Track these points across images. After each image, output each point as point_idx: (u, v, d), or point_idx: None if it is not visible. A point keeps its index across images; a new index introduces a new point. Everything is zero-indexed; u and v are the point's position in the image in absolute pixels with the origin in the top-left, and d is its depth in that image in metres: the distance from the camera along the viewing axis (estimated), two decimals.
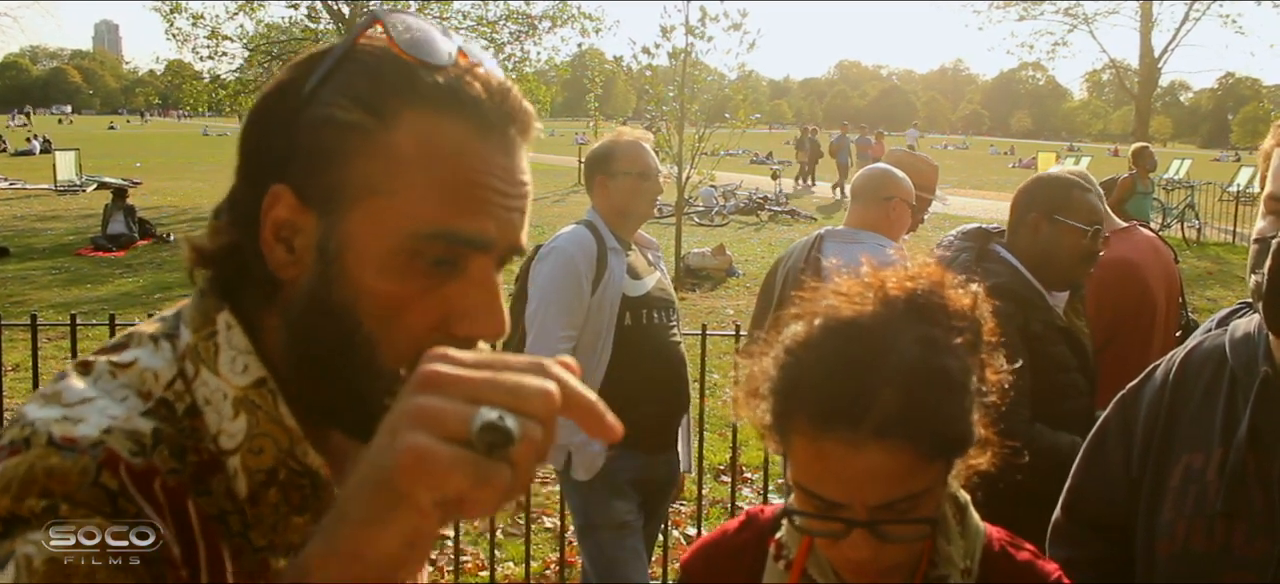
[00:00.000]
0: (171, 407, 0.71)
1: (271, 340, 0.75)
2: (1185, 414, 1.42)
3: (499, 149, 0.72)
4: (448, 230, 0.70)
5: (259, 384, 0.73)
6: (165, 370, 0.73)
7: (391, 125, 0.70)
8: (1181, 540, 1.35)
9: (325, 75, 0.71)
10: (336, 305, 0.71)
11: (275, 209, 0.71)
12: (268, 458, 0.72)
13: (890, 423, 0.91)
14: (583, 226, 2.84)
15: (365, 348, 0.71)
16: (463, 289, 0.71)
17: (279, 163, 0.72)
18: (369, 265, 0.70)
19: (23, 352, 6.48)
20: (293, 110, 0.71)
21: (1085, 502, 1.59)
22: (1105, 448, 1.55)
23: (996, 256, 2.34)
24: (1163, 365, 1.51)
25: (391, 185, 0.69)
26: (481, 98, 0.71)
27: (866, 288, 1.00)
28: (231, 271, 0.75)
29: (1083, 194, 2.34)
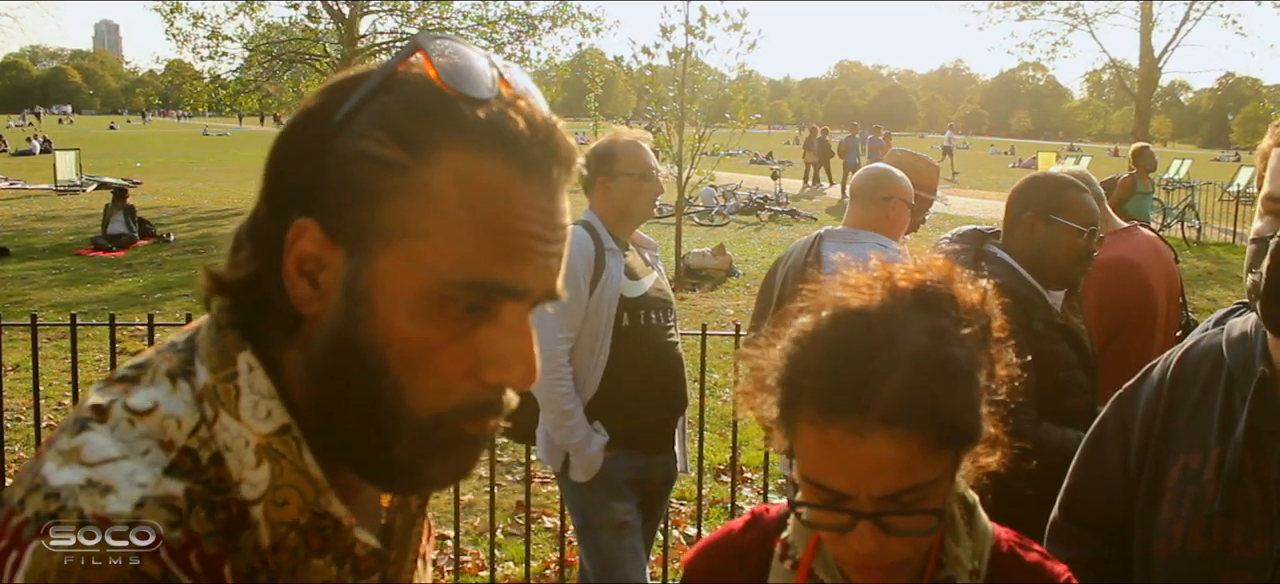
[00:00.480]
0: (196, 456, 0.68)
1: (294, 383, 0.71)
2: (1182, 414, 1.42)
3: (541, 192, 0.69)
4: (484, 279, 0.67)
5: (283, 432, 0.70)
6: (187, 416, 0.69)
7: (429, 163, 0.66)
8: (1179, 540, 1.35)
9: (359, 104, 0.68)
10: (363, 348, 0.67)
11: (300, 242, 0.68)
12: (292, 510, 0.69)
13: (897, 411, 0.91)
14: (580, 227, 2.84)
15: (392, 394, 0.68)
16: (494, 336, 0.69)
17: (306, 194, 0.68)
18: (399, 308, 0.67)
19: (23, 352, 6.48)
20: (323, 139, 0.68)
21: (1083, 501, 1.59)
22: (1103, 447, 1.55)
23: (993, 257, 2.34)
24: (1159, 365, 1.51)
25: (427, 227, 0.66)
26: (525, 135, 0.68)
27: (874, 280, 1.00)
28: (251, 304, 0.71)
29: (1078, 194, 2.34)
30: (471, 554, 4.12)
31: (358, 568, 0.75)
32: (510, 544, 4.24)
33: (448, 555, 3.96)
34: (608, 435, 2.78)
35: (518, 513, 4.44)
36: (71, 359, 3.59)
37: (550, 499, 4.54)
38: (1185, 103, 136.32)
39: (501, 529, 4.32)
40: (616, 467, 2.79)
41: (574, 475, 2.80)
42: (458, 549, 3.85)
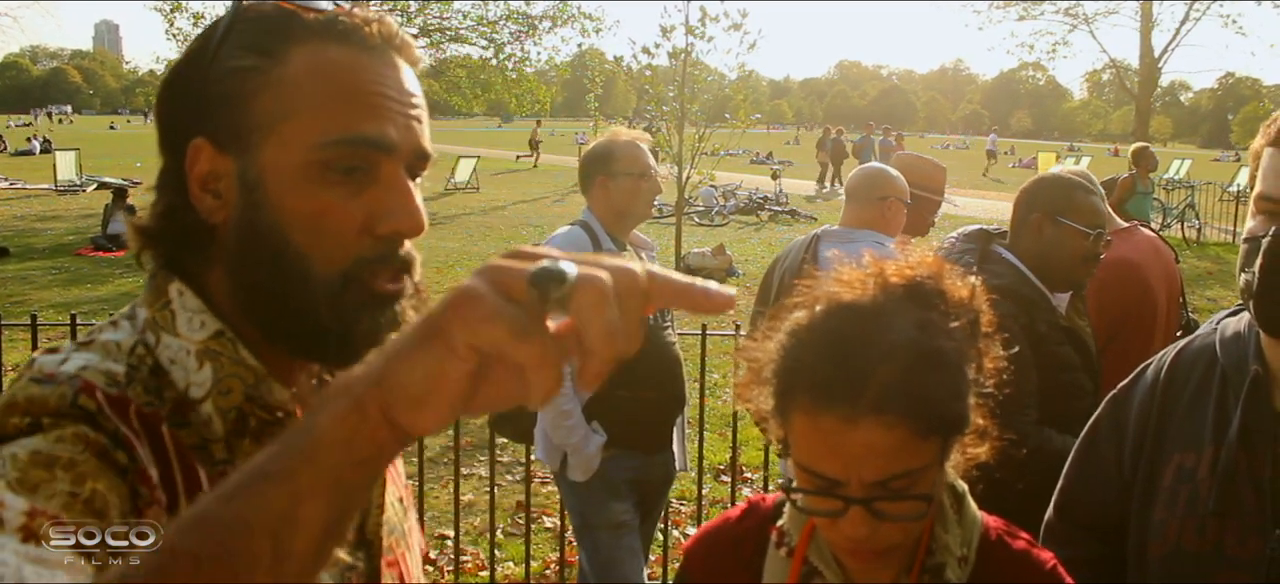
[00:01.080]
0: (136, 369, 0.77)
1: (220, 296, 0.81)
2: (1176, 413, 1.42)
3: (385, 64, 0.80)
4: (350, 135, 0.77)
5: (217, 335, 0.80)
6: (127, 340, 0.79)
7: (283, 60, 0.77)
8: (1174, 540, 1.35)
9: (220, 40, 0.79)
10: (264, 228, 0.77)
11: (198, 164, 0.79)
12: (236, 396, 0.79)
13: (886, 399, 0.94)
14: (577, 227, 2.84)
15: (297, 261, 0.77)
16: (377, 193, 0.78)
17: (193, 124, 0.79)
18: (287, 185, 0.77)
19: (23, 352, 6.48)
20: (196, 75, 0.79)
21: (1077, 502, 1.59)
22: (1097, 447, 1.55)
23: (998, 258, 2.33)
24: (1153, 365, 1.51)
25: (292, 108, 0.77)
26: (361, 26, 0.80)
27: (867, 275, 1.03)
28: (173, 242, 0.82)
29: (1086, 196, 2.33)
30: (471, 554, 4.12)
31: None
32: (510, 544, 4.24)
33: (448, 555, 3.96)
34: (605, 435, 2.78)
35: (518, 513, 4.44)
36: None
37: (550, 499, 4.55)
38: (1185, 103, 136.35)
39: (501, 529, 4.32)
40: (614, 466, 2.80)
41: (572, 475, 2.80)
42: (458, 549, 3.85)
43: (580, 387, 0.52)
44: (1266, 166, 1.33)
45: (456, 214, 17.44)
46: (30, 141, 34.64)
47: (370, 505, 0.89)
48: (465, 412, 0.53)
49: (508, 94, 19.82)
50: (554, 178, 26.23)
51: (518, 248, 0.54)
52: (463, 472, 4.17)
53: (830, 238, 2.90)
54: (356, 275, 0.78)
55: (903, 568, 1.07)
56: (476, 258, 12.23)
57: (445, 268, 11.48)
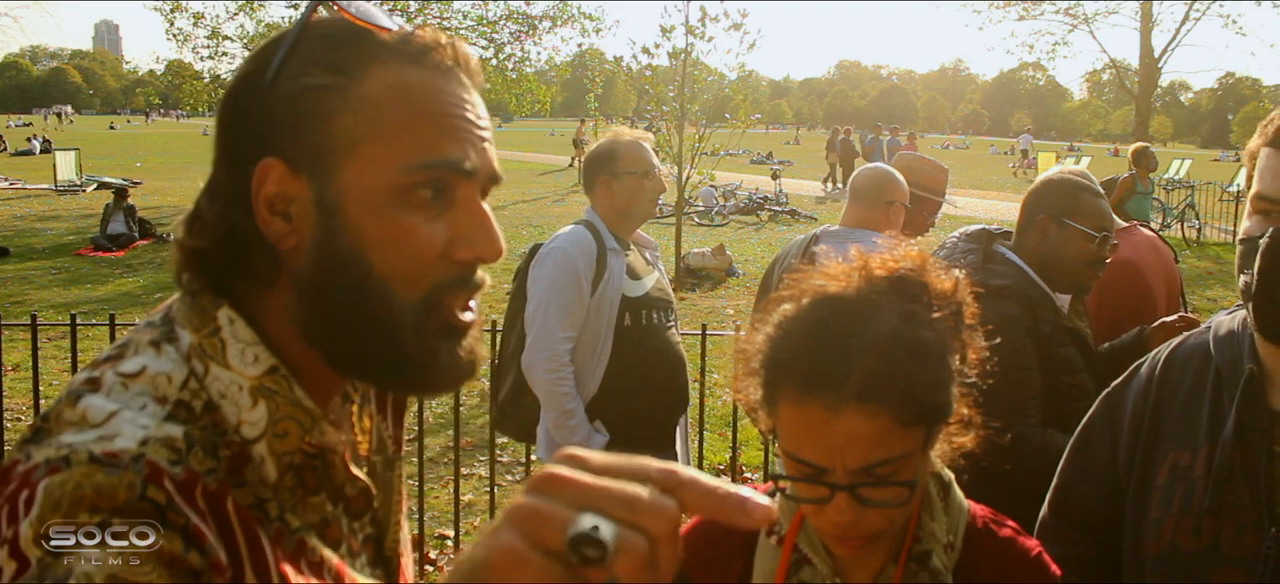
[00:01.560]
0: (189, 406, 0.73)
1: (276, 326, 0.78)
2: (1171, 412, 1.42)
3: (460, 86, 0.79)
4: (435, 159, 0.75)
5: (272, 372, 0.76)
6: (176, 372, 0.74)
7: (361, 79, 0.75)
8: (1169, 539, 1.35)
9: (286, 55, 0.75)
10: (346, 253, 0.75)
11: (266, 185, 0.75)
12: (293, 439, 0.76)
13: (869, 387, 0.97)
14: (582, 227, 2.84)
15: (380, 288, 0.75)
16: (457, 218, 0.77)
17: (259, 142, 0.75)
18: (369, 208, 0.74)
19: (23, 352, 6.48)
20: (263, 91, 0.75)
21: (1072, 500, 1.59)
22: (1091, 445, 1.55)
23: (1002, 258, 2.32)
24: (1147, 363, 1.51)
25: (374, 131, 0.74)
26: (433, 47, 0.78)
27: (852, 269, 1.06)
28: (223, 264, 0.77)
29: (1094, 199, 2.32)
30: None
31: (350, 508, 0.82)
32: None
33: (448, 555, 3.96)
34: (608, 435, 2.78)
35: None
36: (71, 359, 3.59)
37: None
38: (1185, 103, 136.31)
39: None
40: None
41: None
42: (458, 549, 3.85)
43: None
44: (1264, 166, 1.33)
45: None
46: (30, 141, 34.64)
47: (388, 523, 0.89)
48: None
49: (508, 94, 19.82)
50: (554, 178, 26.23)
51: (549, 473, 0.52)
52: (463, 472, 4.17)
53: (829, 237, 2.91)
54: (436, 301, 0.77)
55: (890, 556, 1.10)
56: None
57: None
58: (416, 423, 3.75)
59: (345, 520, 0.82)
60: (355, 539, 0.84)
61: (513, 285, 3.05)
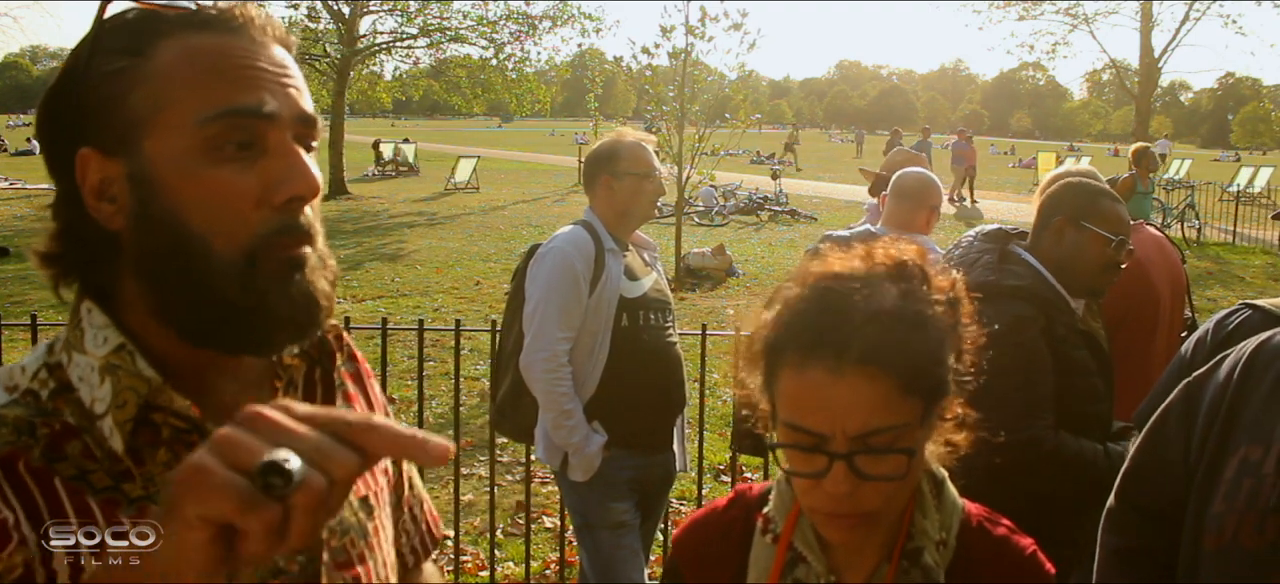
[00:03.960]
0: (36, 394, 0.80)
1: (131, 306, 0.81)
2: (1249, 407, 1.37)
3: (251, 42, 0.81)
4: (229, 106, 0.77)
5: (118, 349, 0.80)
6: (31, 363, 0.82)
7: (151, 55, 0.78)
8: (1231, 534, 1.30)
9: (88, 52, 0.79)
10: (160, 218, 0.78)
11: (88, 175, 0.79)
12: (130, 408, 0.79)
13: (871, 351, 1.00)
14: (580, 227, 2.84)
15: (200, 246, 0.77)
16: (268, 164, 0.79)
17: (75, 137, 0.79)
18: (176, 171, 0.77)
19: (22, 351, 6.47)
20: (72, 90, 0.79)
21: (1139, 485, 1.55)
22: (1165, 434, 1.51)
23: (1018, 259, 2.30)
24: (1232, 355, 1.46)
25: (169, 97, 0.77)
26: (222, 13, 0.81)
27: (855, 254, 1.10)
28: (77, 260, 0.82)
29: (1112, 203, 2.30)
30: (471, 554, 4.12)
31: None
32: (510, 544, 4.24)
33: (448, 555, 3.96)
34: (606, 435, 2.78)
35: (518, 513, 4.44)
36: None
37: (550, 499, 4.55)
38: (1185, 103, 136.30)
39: (501, 529, 4.32)
40: (615, 466, 2.80)
41: (573, 475, 2.80)
42: (458, 549, 3.85)
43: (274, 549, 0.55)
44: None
45: (456, 214, 17.43)
46: (30, 142, 34.63)
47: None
48: (230, 571, 0.57)
49: (508, 94, 19.82)
50: (554, 178, 26.22)
51: (255, 411, 0.57)
52: (463, 472, 4.17)
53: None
54: (262, 251, 0.79)
55: (884, 555, 1.10)
56: (477, 257, 12.23)
57: (445, 268, 11.47)
58: (416, 423, 3.75)
59: None
60: None
61: (511, 285, 3.05)
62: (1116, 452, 2.18)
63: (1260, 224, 15.68)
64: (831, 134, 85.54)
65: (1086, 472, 2.16)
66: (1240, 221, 15.41)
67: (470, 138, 52.02)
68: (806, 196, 21.83)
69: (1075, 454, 2.14)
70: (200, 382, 0.83)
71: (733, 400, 3.16)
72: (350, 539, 0.91)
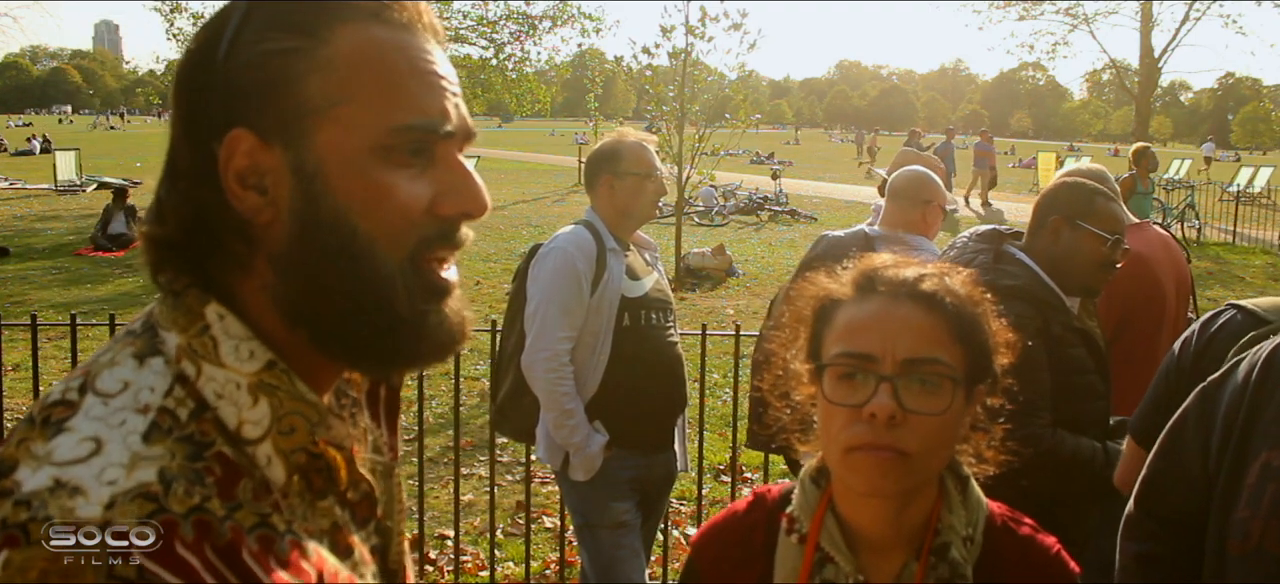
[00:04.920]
0: (174, 415, 0.68)
1: (258, 314, 0.74)
2: (1268, 410, 1.36)
3: (426, 42, 0.76)
4: (415, 121, 0.73)
5: (270, 366, 0.72)
6: (159, 381, 0.70)
7: (328, 40, 0.72)
8: (1255, 540, 1.30)
9: (242, 22, 0.72)
10: (329, 218, 0.71)
11: (235, 158, 0.71)
12: (301, 436, 0.72)
13: (930, 294, 1.09)
14: (582, 227, 2.84)
15: (366, 248, 0.72)
16: (440, 174, 0.75)
17: (223, 114, 0.71)
18: (350, 170, 0.71)
19: (23, 351, 6.48)
20: (221, 61, 0.71)
21: (1159, 493, 1.54)
22: (1183, 440, 1.50)
23: (1013, 258, 2.30)
24: (1248, 360, 1.45)
25: (349, 92, 0.72)
26: (390, 4, 0.75)
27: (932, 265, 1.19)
28: (197, 253, 0.73)
29: (1107, 202, 2.31)
30: (471, 554, 4.11)
31: (355, 515, 0.78)
32: (510, 544, 4.24)
33: (448, 555, 3.96)
34: (608, 435, 2.78)
35: (518, 513, 4.44)
36: (71, 359, 3.59)
37: (550, 499, 4.54)
38: (1185, 103, 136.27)
39: (501, 529, 4.32)
40: (616, 466, 2.80)
41: (574, 475, 2.80)
42: (458, 549, 3.85)
43: None
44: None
45: None
46: (30, 141, 34.64)
47: (391, 534, 0.86)
48: None
49: (508, 94, 19.80)
50: (554, 178, 26.22)
51: None
52: (463, 472, 4.17)
53: (885, 241, 2.90)
54: (419, 257, 0.74)
55: (911, 554, 1.11)
56: (477, 257, 12.22)
57: None
58: (416, 423, 3.75)
59: (354, 528, 0.78)
60: (366, 548, 0.80)
61: (512, 285, 3.05)
62: (1114, 449, 2.18)
63: (1260, 224, 15.68)
64: (832, 134, 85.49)
65: (1084, 469, 2.16)
66: (1240, 222, 15.41)
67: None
68: (806, 196, 21.82)
69: (1073, 452, 2.15)
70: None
71: (749, 397, 3.14)
72: (405, 556, 0.90)
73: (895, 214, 2.98)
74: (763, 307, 9.39)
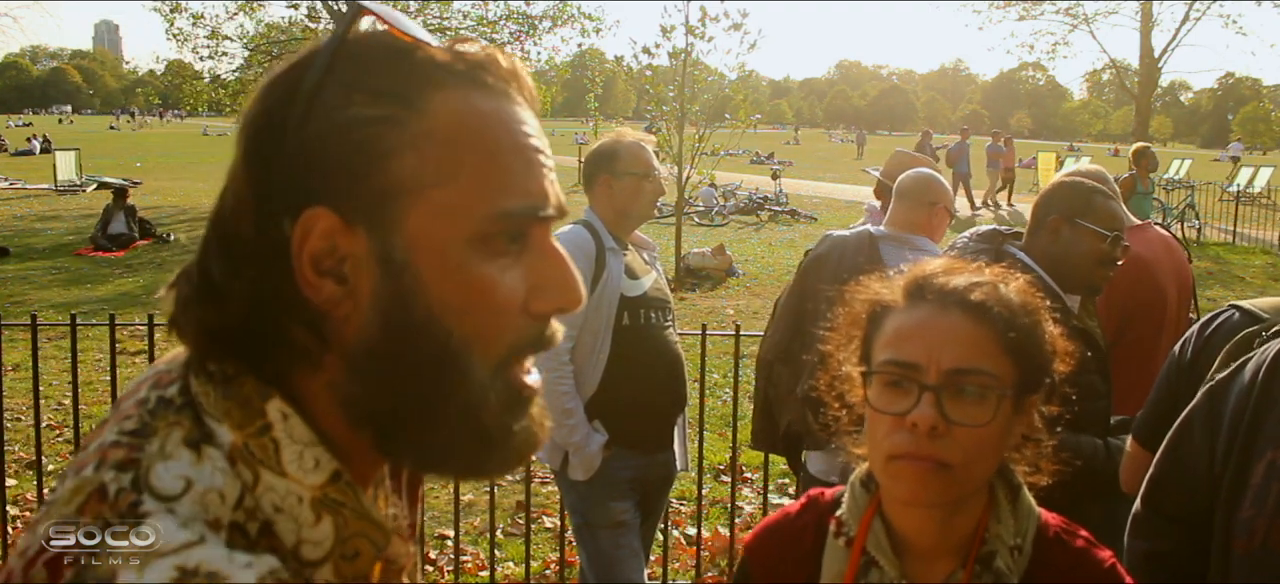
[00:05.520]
0: (244, 530, 0.60)
1: (322, 413, 0.65)
2: (1273, 410, 1.36)
3: (520, 107, 0.67)
4: (520, 206, 0.64)
5: (335, 479, 0.63)
6: (229, 488, 0.60)
7: (423, 111, 0.62)
8: (1260, 538, 1.30)
9: (321, 79, 0.62)
10: (422, 320, 0.62)
11: (311, 239, 0.61)
12: (364, 560, 0.64)
13: (979, 303, 1.08)
14: (581, 226, 2.84)
15: (460, 353, 0.63)
16: (534, 263, 0.66)
17: (298, 190, 0.62)
18: (446, 263, 0.62)
19: (23, 352, 6.48)
20: (293, 128, 0.62)
21: (1166, 492, 1.54)
22: (1189, 439, 1.50)
23: (1012, 258, 2.30)
24: (1254, 359, 1.45)
25: (446, 172, 0.62)
26: (486, 64, 0.66)
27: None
28: (259, 344, 0.63)
29: (1105, 200, 2.31)
30: (471, 554, 4.12)
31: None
32: (510, 544, 4.24)
33: (448, 555, 3.96)
34: (607, 434, 2.78)
35: (518, 513, 4.44)
36: (71, 359, 3.59)
37: (550, 499, 4.54)
38: (1185, 103, 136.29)
39: (501, 529, 4.32)
40: (615, 466, 2.80)
41: (573, 474, 2.80)
42: (458, 549, 3.85)
43: None
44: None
45: None
46: (30, 142, 34.64)
47: (416, 567, 0.78)
48: None
49: None
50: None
51: None
52: None
53: (887, 241, 2.88)
54: (509, 363, 0.65)
55: (957, 562, 1.11)
56: None
57: None
58: None
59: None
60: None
61: None
62: (1116, 446, 2.19)
63: (1260, 224, 15.68)
64: (832, 134, 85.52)
65: (1086, 466, 2.17)
66: (1240, 222, 15.41)
67: None
68: (806, 196, 21.82)
69: (1073, 450, 2.15)
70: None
71: (754, 397, 3.13)
72: None
73: (901, 214, 2.98)
74: (763, 307, 9.39)
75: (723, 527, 4.27)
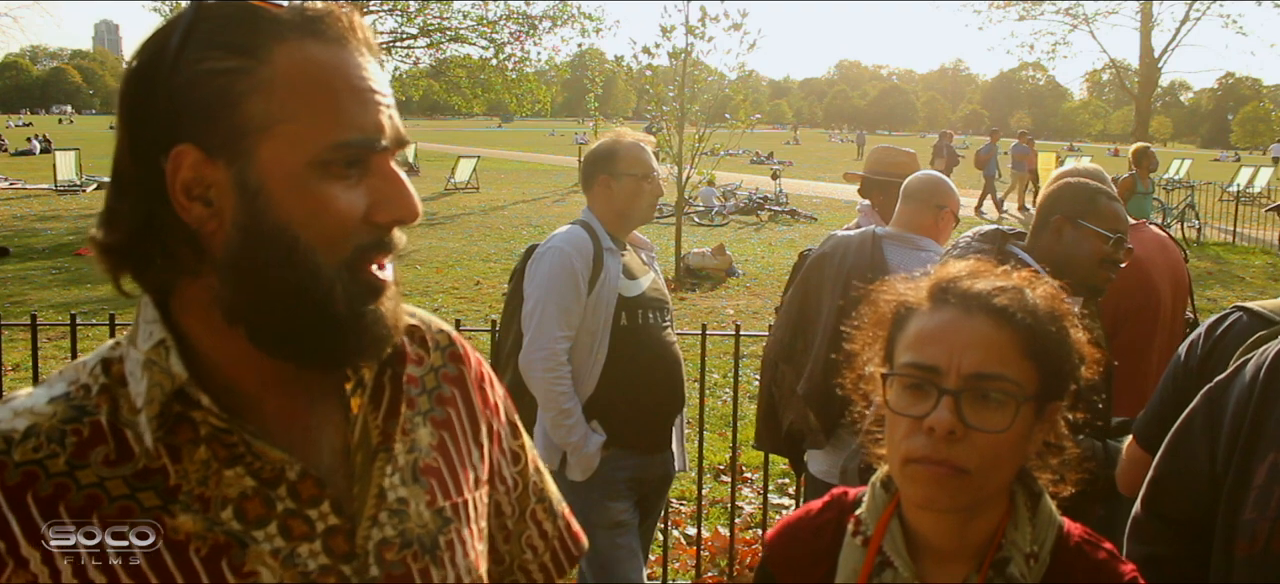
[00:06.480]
0: (88, 388, 0.81)
1: (197, 312, 0.81)
2: (1275, 412, 1.35)
3: (358, 56, 0.81)
4: (352, 138, 0.78)
5: (158, 345, 0.80)
6: (93, 358, 0.83)
7: (267, 60, 0.76)
8: (1262, 542, 1.29)
9: (183, 39, 0.76)
10: (271, 230, 0.77)
11: (181, 171, 0.76)
12: (155, 404, 0.79)
13: (1002, 308, 1.07)
14: (579, 226, 2.84)
15: (307, 257, 0.78)
16: (375, 184, 0.80)
17: (168, 130, 0.76)
18: (291, 185, 0.77)
19: (23, 351, 6.48)
20: (164, 79, 0.76)
21: (1166, 495, 1.53)
22: (1189, 442, 1.50)
23: (1013, 258, 2.30)
24: (1254, 360, 1.44)
25: (288, 111, 0.76)
26: (327, 16, 0.80)
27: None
28: (145, 257, 0.80)
29: (1109, 202, 2.31)
30: None
31: (297, 494, 0.81)
32: None
33: None
34: (605, 434, 2.78)
35: None
36: (71, 359, 3.59)
37: None
38: (1185, 103, 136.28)
39: None
40: (614, 466, 2.79)
41: (571, 474, 2.79)
42: None
43: None
44: None
45: (456, 214, 17.43)
46: (30, 142, 34.63)
47: (360, 515, 0.85)
48: None
49: (508, 94, 19.81)
50: (554, 178, 26.22)
51: None
52: None
53: (892, 241, 2.88)
54: (356, 262, 0.80)
55: (972, 567, 1.11)
56: (477, 257, 12.23)
57: (445, 268, 11.47)
58: None
59: (284, 501, 0.81)
60: (302, 524, 0.82)
61: (509, 285, 3.04)
62: (1115, 448, 2.18)
63: (1260, 224, 15.68)
64: (832, 135, 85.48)
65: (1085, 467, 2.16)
66: (1240, 222, 15.41)
67: (470, 138, 52.01)
68: (806, 196, 21.82)
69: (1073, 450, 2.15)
70: (263, 389, 0.83)
71: (758, 398, 3.12)
72: (412, 552, 0.87)
73: (907, 215, 2.97)
74: (763, 307, 9.39)
75: (723, 527, 4.27)
